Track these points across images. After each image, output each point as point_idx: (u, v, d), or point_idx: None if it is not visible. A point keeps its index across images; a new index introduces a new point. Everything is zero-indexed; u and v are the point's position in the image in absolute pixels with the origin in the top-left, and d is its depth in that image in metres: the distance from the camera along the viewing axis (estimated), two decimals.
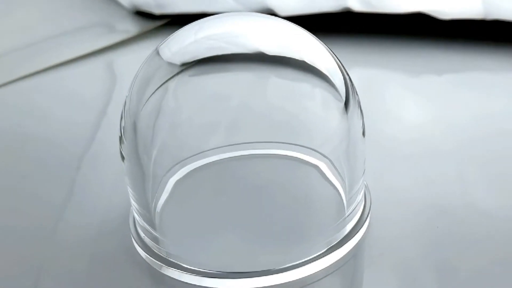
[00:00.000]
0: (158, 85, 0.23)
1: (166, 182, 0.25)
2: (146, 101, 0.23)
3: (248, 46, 0.25)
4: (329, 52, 0.25)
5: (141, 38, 0.49)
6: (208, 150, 0.26)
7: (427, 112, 0.38)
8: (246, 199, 0.25)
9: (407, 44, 0.48)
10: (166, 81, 0.23)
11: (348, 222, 0.23)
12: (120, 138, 0.23)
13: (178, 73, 0.24)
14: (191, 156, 0.26)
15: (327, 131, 0.24)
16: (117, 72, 0.46)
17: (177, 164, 0.26)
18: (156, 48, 0.24)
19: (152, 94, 0.23)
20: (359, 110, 0.24)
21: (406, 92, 0.42)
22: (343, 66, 0.25)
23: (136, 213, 0.24)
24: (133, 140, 0.23)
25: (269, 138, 0.27)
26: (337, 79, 0.24)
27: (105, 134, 0.35)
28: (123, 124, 0.23)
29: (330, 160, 0.24)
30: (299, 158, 0.26)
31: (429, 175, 0.29)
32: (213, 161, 0.26)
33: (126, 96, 0.24)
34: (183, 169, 0.26)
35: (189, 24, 0.25)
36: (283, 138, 0.26)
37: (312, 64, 0.24)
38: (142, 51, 0.48)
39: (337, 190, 0.24)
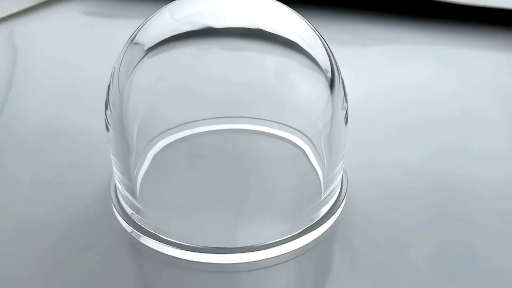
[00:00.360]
0: (139, 59, 0.23)
1: (147, 153, 0.25)
2: (131, 74, 0.23)
3: (236, 22, 0.25)
4: (316, 33, 0.25)
5: (43, 6, 0.50)
6: (192, 121, 0.27)
7: (352, 81, 0.40)
8: (226, 174, 0.25)
9: (335, 16, 0.50)
10: (146, 55, 0.23)
11: (324, 205, 0.24)
12: (106, 108, 0.23)
13: (159, 47, 0.24)
14: (173, 128, 0.26)
15: (313, 113, 0.24)
16: (18, 43, 0.46)
17: (159, 135, 0.26)
18: (143, 23, 0.24)
19: (135, 68, 0.23)
20: (344, 93, 0.25)
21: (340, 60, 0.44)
22: (329, 48, 0.25)
23: (118, 182, 0.24)
24: (119, 112, 0.23)
25: (252, 115, 0.27)
26: (324, 62, 0.24)
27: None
28: (110, 97, 0.23)
29: (312, 143, 0.25)
30: (282, 137, 0.27)
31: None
32: (195, 133, 0.27)
33: (114, 68, 0.23)
34: (164, 140, 0.26)
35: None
36: (268, 115, 0.27)
37: (300, 44, 0.25)
38: (43, 20, 0.49)
39: (317, 173, 0.25)
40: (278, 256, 0.23)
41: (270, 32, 0.25)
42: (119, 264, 0.23)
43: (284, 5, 0.25)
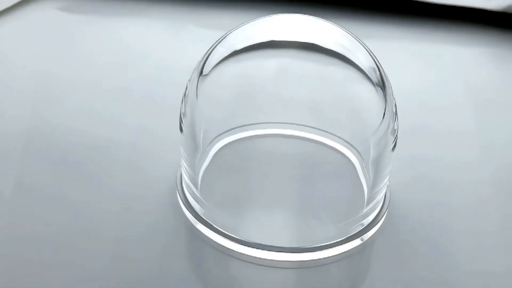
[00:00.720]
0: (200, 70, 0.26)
1: (210, 151, 0.28)
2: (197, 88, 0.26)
3: (298, 39, 0.27)
4: (375, 60, 0.26)
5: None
6: (252, 124, 0.29)
7: None
8: (280, 176, 0.27)
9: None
10: (211, 69, 0.26)
11: (366, 217, 0.26)
12: (182, 116, 0.26)
13: (222, 61, 0.26)
14: (234, 128, 0.29)
15: (368, 131, 0.26)
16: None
17: (220, 135, 0.29)
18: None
19: (198, 82, 0.26)
20: (395, 120, 0.26)
21: None
22: (384, 74, 0.27)
23: (184, 173, 0.27)
24: (191, 119, 0.26)
25: (310, 124, 0.29)
26: (378, 81, 0.26)
27: None
28: (182, 109, 0.26)
29: (363, 158, 0.27)
30: (335, 148, 0.29)
31: None
32: (254, 135, 0.29)
33: (187, 83, 0.26)
34: (224, 140, 0.29)
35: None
36: (324, 127, 0.29)
37: (366, 70, 0.26)
38: (19, 19, 0.51)
39: (362, 187, 0.27)
40: (323, 258, 0.25)
41: (326, 48, 0.27)
42: (177, 245, 0.26)
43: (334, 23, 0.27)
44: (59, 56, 0.47)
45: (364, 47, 0.26)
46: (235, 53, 0.27)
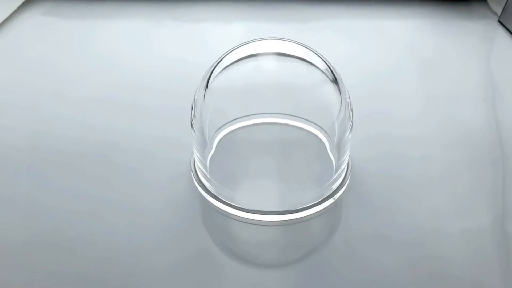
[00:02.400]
0: (206, 82, 0.34)
1: (214, 140, 0.36)
2: (205, 94, 0.34)
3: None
4: (328, 64, 0.35)
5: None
6: (247, 116, 0.37)
7: None
8: (267, 156, 0.36)
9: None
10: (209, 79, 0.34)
11: (335, 182, 0.35)
12: (191, 118, 0.35)
13: (218, 75, 0.34)
14: (230, 121, 0.37)
15: (333, 117, 0.34)
16: None
17: (221, 126, 0.37)
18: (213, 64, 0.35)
19: (206, 88, 0.34)
20: (350, 108, 0.35)
21: (285, 36, 0.53)
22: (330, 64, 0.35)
23: (197, 160, 0.35)
24: (199, 119, 0.34)
25: (289, 112, 0.38)
26: (338, 80, 0.34)
27: None
28: (193, 111, 0.34)
29: (330, 138, 0.35)
30: (309, 131, 0.37)
31: None
32: (246, 125, 0.37)
33: (195, 92, 0.34)
34: (225, 130, 0.37)
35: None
36: (300, 114, 0.37)
37: (324, 71, 0.35)
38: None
39: (331, 160, 0.35)
40: (303, 217, 0.33)
41: (294, 55, 0.35)
42: (191, 214, 0.34)
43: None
44: (47, 61, 0.52)
45: (319, 55, 0.35)
46: (228, 67, 0.34)
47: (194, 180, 0.36)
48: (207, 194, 0.35)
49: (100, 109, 0.44)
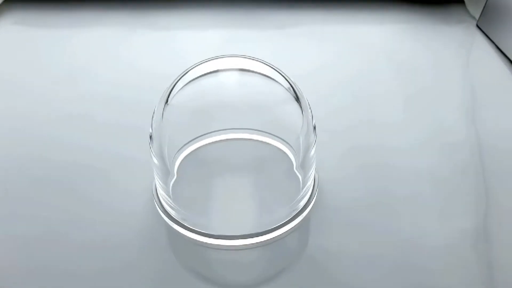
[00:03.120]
0: (165, 99, 0.33)
1: (176, 161, 0.35)
2: (164, 111, 0.33)
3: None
4: (290, 82, 0.34)
5: None
6: (206, 134, 0.36)
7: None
8: (234, 175, 0.35)
9: (251, 5, 0.60)
10: (166, 105, 0.33)
11: (302, 199, 0.34)
12: (150, 141, 0.33)
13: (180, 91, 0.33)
14: (194, 139, 0.36)
15: (297, 128, 0.33)
16: None
17: (184, 145, 0.35)
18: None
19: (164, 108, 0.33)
20: (310, 111, 0.34)
21: (258, 44, 0.54)
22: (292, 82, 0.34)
23: (159, 188, 0.34)
24: (158, 141, 0.33)
25: (254, 127, 0.36)
26: (300, 100, 0.34)
27: None
28: (150, 131, 0.33)
29: (294, 150, 0.34)
30: (276, 146, 0.36)
31: None
32: (208, 143, 0.36)
33: (154, 110, 0.33)
34: (186, 150, 0.36)
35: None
36: (265, 129, 0.36)
37: (286, 88, 0.34)
38: None
39: (297, 176, 0.34)
40: (277, 236, 0.32)
41: (258, 72, 0.34)
42: (157, 245, 0.33)
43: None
44: (18, 72, 0.50)
45: (281, 74, 0.34)
46: (190, 83, 0.33)
47: (158, 208, 0.34)
48: (172, 222, 0.33)
49: (67, 126, 0.43)
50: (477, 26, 0.57)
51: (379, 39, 0.55)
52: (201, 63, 0.34)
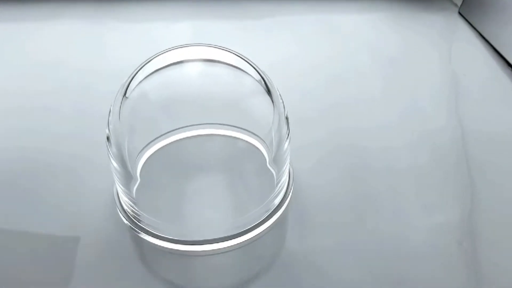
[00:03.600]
0: (123, 92, 0.30)
1: (138, 162, 0.32)
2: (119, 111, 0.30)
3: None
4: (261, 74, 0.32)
5: None
6: (170, 131, 0.33)
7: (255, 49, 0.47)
8: (203, 175, 0.32)
9: None
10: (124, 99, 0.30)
11: (277, 197, 0.32)
12: (107, 142, 0.30)
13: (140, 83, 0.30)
14: (158, 137, 0.33)
15: (268, 121, 0.31)
16: None
17: (148, 144, 0.33)
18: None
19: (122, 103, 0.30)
20: (282, 101, 0.31)
21: (233, 35, 0.52)
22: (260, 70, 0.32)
23: (121, 193, 0.31)
24: (116, 143, 0.30)
25: (223, 122, 0.34)
26: (271, 93, 0.31)
27: None
28: (107, 132, 0.30)
29: (267, 145, 0.32)
30: (245, 140, 0.34)
31: None
32: (174, 141, 0.34)
33: (110, 108, 0.30)
34: (149, 150, 0.33)
35: None
36: (233, 122, 0.33)
37: (257, 81, 0.31)
38: None
39: (271, 172, 0.32)
40: (252, 237, 0.30)
41: (227, 62, 0.32)
42: (121, 251, 0.30)
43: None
44: None
45: (251, 64, 0.31)
46: (151, 74, 0.31)
47: (121, 215, 0.31)
48: (139, 230, 0.30)
49: (30, 122, 0.40)
50: (459, 13, 0.55)
51: (356, 28, 0.54)
52: (163, 53, 0.31)
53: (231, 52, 0.32)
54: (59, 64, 0.47)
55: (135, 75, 0.31)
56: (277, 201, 0.32)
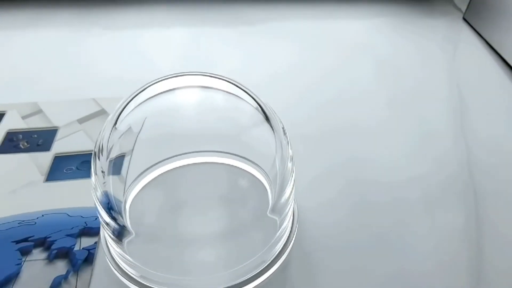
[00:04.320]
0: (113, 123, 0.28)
1: (128, 198, 0.29)
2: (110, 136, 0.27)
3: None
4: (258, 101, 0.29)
5: None
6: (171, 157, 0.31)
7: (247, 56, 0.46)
8: (199, 212, 0.30)
9: (214, 2, 0.54)
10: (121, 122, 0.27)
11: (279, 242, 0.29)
12: (93, 191, 0.27)
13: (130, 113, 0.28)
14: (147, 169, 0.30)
15: (272, 155, 0.29)
16: None
17: (138, 176, 0.30)
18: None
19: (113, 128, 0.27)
20: (288, 147, 0.29)
21: (228, 42, 0.50)
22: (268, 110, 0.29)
23: (111, 244, 0.28)
24: (104, 181, 0.27)
25: (222, 150, 0.31)
26: (270, 121, 0.29)
27: None
28: (94, 181, 0.27)
29: (271, 181, 0.29)
30: (246, 170, 0.31)
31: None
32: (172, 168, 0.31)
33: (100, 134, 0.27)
34: (142, 181, 0.30)
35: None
36: (236, 151, 0.31)
37: (256, 108, 0.29)
38: None
39: (274, 219, 0.30)
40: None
41: (223, 90, 0.29)
42: None
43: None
44: None
45: (249, 92, 0.29)
46: (142, 103, 0.28)
47: (110, 265, 0.29)
48: (129, 282, 0.28)
49: None
50: (464, 19, 0.53)
51: (357, 35, 0.51)
52: (155, 82, 0.28)
53: (227, 81, 0.29)
54: (34, 76, 0.44)
55: (124, 107, 0.28)
56: (279, 247, 0.29)
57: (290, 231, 0.30)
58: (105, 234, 0.28)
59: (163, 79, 0.29)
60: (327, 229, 0.31)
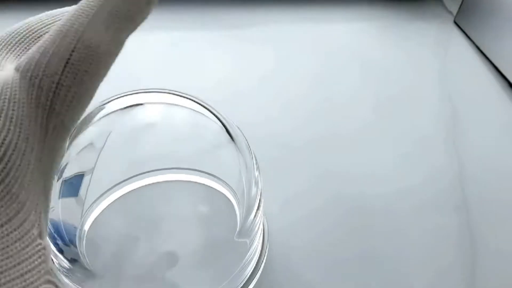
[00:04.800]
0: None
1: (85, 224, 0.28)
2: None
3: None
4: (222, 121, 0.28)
5: None
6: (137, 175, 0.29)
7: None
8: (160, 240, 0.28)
9: (202, 3, 0.52)
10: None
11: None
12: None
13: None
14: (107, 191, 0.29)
15: (240, 173, 0.27)
16: None
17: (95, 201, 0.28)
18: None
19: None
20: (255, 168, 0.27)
21: (207, 46, 0.48)
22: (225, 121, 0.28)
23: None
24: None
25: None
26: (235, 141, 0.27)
27: None
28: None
29: (239, 199, 0.28)
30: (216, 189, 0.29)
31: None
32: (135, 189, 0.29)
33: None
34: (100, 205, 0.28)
35: None
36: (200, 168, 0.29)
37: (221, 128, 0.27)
38: None
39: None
40: None
41: (188, 107, 0.27)
42: None
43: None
44: None
45: (215, 113, 0.27)
46: (105, 117, 0.27)
47: None
48: None
49: None
50: (455, 22, 0.51)
51: (344, 39, 0.49)
52: (117, 97, 0.27)
53: (192, 100, 0.28)
54: None
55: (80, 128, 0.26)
56: (247, 272, 0.28)
57: (260, 255, 0.28)
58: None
59: (129, 94, 0.27)
60: (303, 250, 0.30)
